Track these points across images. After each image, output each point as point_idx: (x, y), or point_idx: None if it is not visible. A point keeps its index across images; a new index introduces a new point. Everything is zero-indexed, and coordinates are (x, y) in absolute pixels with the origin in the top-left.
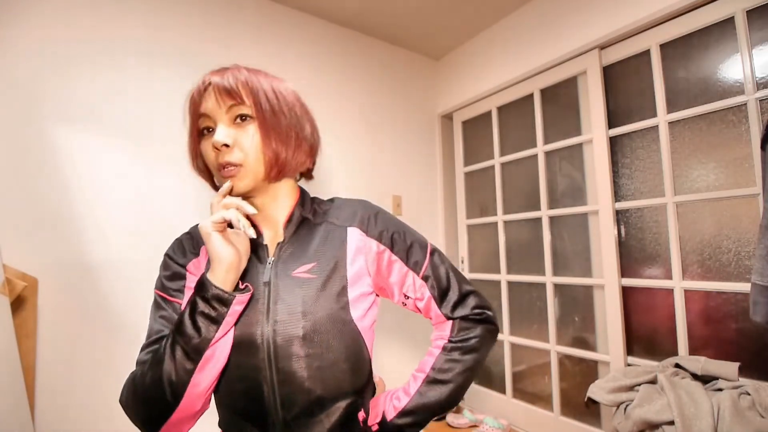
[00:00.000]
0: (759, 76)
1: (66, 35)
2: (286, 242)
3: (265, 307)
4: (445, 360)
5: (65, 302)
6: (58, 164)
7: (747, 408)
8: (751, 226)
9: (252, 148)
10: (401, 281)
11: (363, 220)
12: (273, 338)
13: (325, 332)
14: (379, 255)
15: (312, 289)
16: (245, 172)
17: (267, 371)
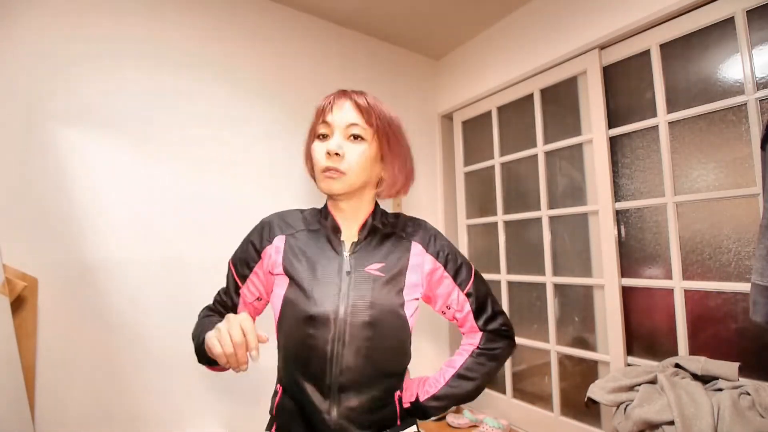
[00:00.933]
0: (759, 76)
1: (66, 35)
2: (360, 242)
3: (344, 292)
4: (473, 362)
5: (65, 302)
6: (59, 164)
7: (747, 408)
8: (751, 226)
9: (357, 162)
10: (447, 294)
11: (424, 238)
12: (345, 319)
13: (385, 322)
14: (433, 270)
15: (379, 284)
16: (345, 179)
17: (335, 344)
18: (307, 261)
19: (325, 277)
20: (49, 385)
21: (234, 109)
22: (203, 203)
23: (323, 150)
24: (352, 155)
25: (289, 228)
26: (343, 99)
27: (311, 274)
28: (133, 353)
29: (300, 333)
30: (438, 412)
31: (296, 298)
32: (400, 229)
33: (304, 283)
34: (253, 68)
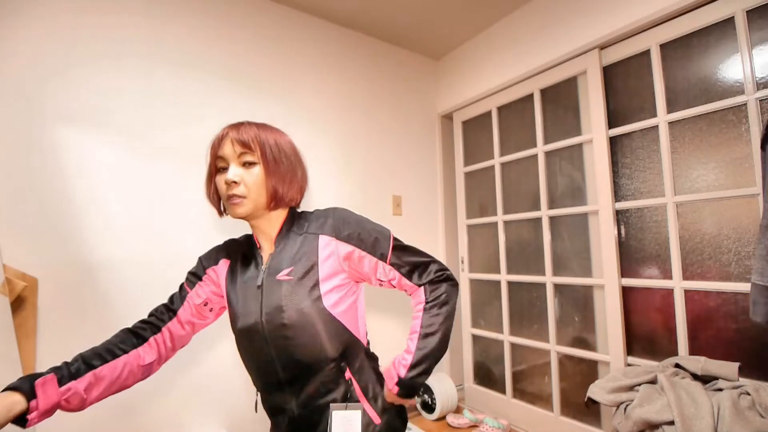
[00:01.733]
0: (759, 76)
1: (66, 36)
2: (275, 253)
3: (258, 304)
4: (429, 317)
5: (65, 302)
6: (59, 164)
7: (747, 408)
8: (751, 226)
9: (254, 185)
10: (374, 270)
11: (333, 227)
12: (264, 326)
13: (300, 319)
14: (350, 253)
15: (289, 288)
16: (247, 202)
17: (267, 349)
18: (237, 282)
19: (247, 294)
20: None
21: (234, 108)
22: (202, 203)
23: (222, 181)
24: (249, 179)
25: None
26: (230, 132)
27: (237, 294)
28: None
29: (241, 346)
30: (423, 380)
31: (232, 317)
32: (310, 228)
33: (234, 303)
34: (254, 68)
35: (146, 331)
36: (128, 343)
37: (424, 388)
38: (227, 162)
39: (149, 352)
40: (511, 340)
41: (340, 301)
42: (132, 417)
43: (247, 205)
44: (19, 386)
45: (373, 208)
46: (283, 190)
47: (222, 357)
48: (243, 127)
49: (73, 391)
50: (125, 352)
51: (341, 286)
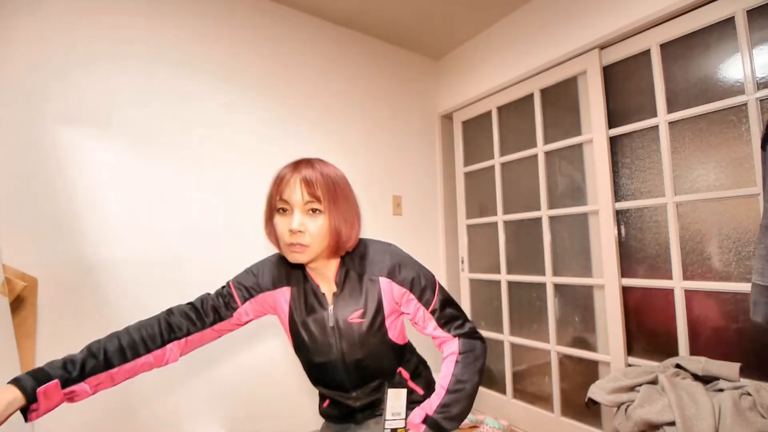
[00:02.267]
0: (759, 76)
1: (66, 36)
2: (339, 294)
3: (335, 341)
4: (462, 367)
5: (65, 302)
6: (59, 164)
7: (748, 408)
8: (752, 226)
9: (318, 234)
10: (415, 312)
11: (391, 271)
12: (342, 359)
13: (373, 351)
14: (402, 294)
15: (363, 329)
16: (309, 251)
17: (340, 374)
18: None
19: (320, 332)
20: None
21: (234, 109)
22: (203, 203)
23: (285, 227)
24: (313, 229)
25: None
26: (295, 176)
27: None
28: None
29: (313, 371)
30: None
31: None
32: (368, 270)
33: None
34: (253, 68)
35: (182, 330)
36: (158, 341)
37: None
38: (290, 206)
39: (174, 353)
40: (511, 340)
41: (397, 330)
42: (132, 417)
43: (309, 254)
44: (23, 385)
45: (373, 208)
46: (346, 235)
47: (222, 357)
48: (310, 170)
49: (78, 391)
50: (151, 351)
51: (395, 317)
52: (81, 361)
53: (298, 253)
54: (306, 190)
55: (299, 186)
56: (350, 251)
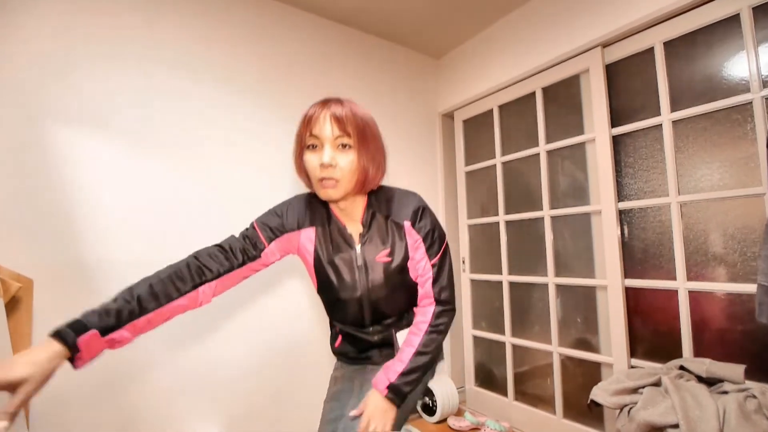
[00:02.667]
0: (765, 74)
1: (66, 36)
2: (365, 233)
3: (363, 279)
4: (427, 339)
5: (60, 303)
6: (56, 164)
7: (753, 411)
8: (757, 226)
9: (348, 169)
10: (419, 260)
11: (413, 216)
12: (368, 296)
13: (396, 290)
14: (415, 240)
15: (391, 269)
16: (340, 186)
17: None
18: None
19: (347, 271)
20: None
21: (234, 108)
22: (202, 203)
23: (317, 162)
24: (344, 163)
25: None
26: (325, 111)
27: (334, 269)
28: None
29: (336, 306)
30: (408, 390)
31: (328, 288)
32: (394, 214)
33: (331, 277)
34: (253, 67)
35: (212, 272)
36: (190, 284)
37: (426, 391)
38: (321, 142)
39: (206, 295)
40: (512, 341)
41: (414, 270)
42: (132, 417)
43: (340, 189)
44: (63, 338)
45: None
46: (372, 174)
47: (223, 357)
48: (340, 107)
49: (117, 338)
50: (184, 294)
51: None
52: (116, 310)
53: (331, 188)
54: (336, 125)
55: (329, 121)
56: (377, 195)
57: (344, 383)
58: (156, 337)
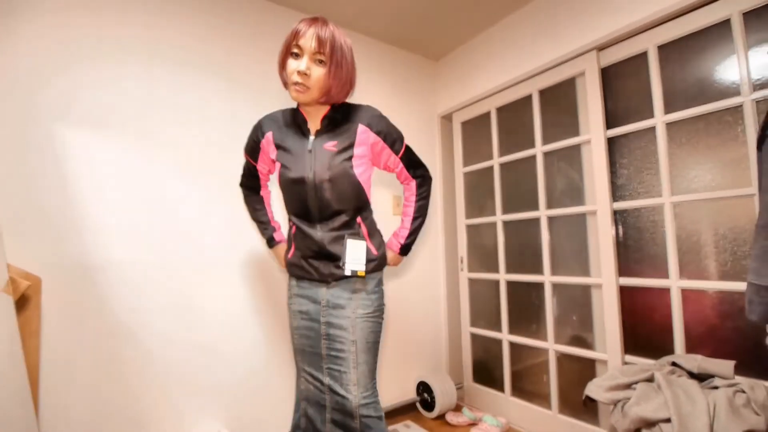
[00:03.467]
0: (755, 77)
1: (66, 36)
2: (321, 130)
3: (310, 163)
4: (419, 207)
5: (69, 301)
6: (61, 164)
7: (742, 406)
8: (748, 225)
9: (318, 80)
10: (387, 158)
11: (370, 121)
12: (314, 178)
13: (339, 176)
14: (375, 143)
15: (333, 155)
16: (309, 93)
17: (311, 193)
18: (287, 146)
19: (298, 155)
20: (53, 383)
21: (235, 109)
22: (204, 203)
23: (295, 68)
24: (316, 75)
25: (274, 123)
26: (312, 29)
27: (290, 155)
28: (136, 352)
29: (290, 190)
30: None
31: (284, 171)
32: (351, 119)
33: (286, 161)
34: (254, 68)
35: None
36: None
37: (424, 387)
38: (302, 52)
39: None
40: (510, 339)
41: (362, 172)
42: (132, 417)
43: (308, 95)
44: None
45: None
46: (335, 92)
47: (223, 357)
48: (325, 28)
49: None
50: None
51: (363, 162)
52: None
53: (300, 92)
54: (317, 43)
55: (313, 38)
56: (341, 106)
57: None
58: (160, 334)
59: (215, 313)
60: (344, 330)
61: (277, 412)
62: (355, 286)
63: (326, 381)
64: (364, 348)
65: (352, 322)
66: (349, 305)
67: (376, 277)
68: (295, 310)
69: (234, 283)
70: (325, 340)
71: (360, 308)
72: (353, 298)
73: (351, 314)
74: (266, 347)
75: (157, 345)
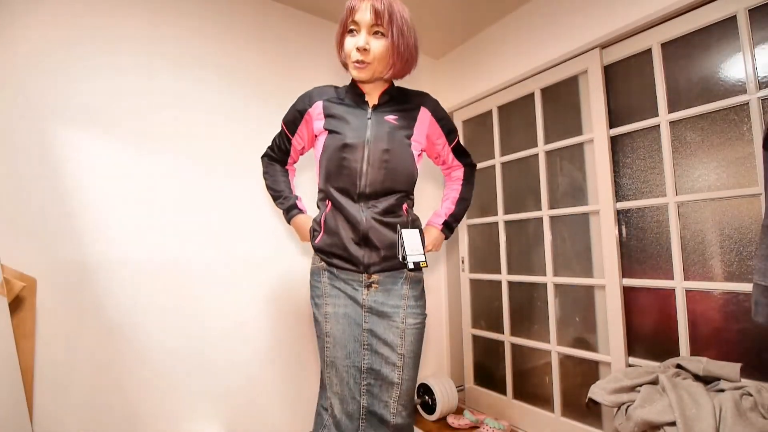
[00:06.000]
0: (761, 75)
1: (65, 35)
2: (379, 105)
3: (368, 130)
4: (465, 190)
5: (64, 302)
6: (57, 164)
7: (749, 409)
8: (753, 225)
9: (378, 54)
10: (442, 147)
11: (434, 108)
12: (369, 145)
13: (397, 150)
14: (434, 131)
15: (394, 128)
16: (370, 68)
17: (364, 163)
18: (341, 113)
19: (354, 122)
20: (47, 385)
21: (235, 108)
22: (202, 203)
23: (353, 45)
24: (376, 49)
25: (325, 94)
26: (366, 2)
27: (343, 122)
28: (133, 353)
29: (337, 159)
30: (456, 225)
31: (333, 138)
32: (410, 101)
33: (338, 127)
34: (254, 67)
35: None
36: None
37: (425, 389)
38: (359, 28)
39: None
40: (511, 340)
41: (417, 156)
42: (128, 420)
43: (369, 71)
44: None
45: None
46: (399, 65)
47: (223, 357)
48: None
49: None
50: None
51: (418, 147)
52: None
53: (361, 69)
54: (374, 15)
55: (369, 10)
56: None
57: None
58: (157, 335)
59: (214, 316)
60: (392, 343)
61: (277, 419)
62: (403, 291)
63: (363, 402)
64: (411, 363)
65: (402, 333)
66: (397, 313)
67: (422, 282)
68: (330, 312)
69: (234, 285)
70: (366, 351)
71: (410, 317)
72: (401, 305)
73: (401, 324)
74: (267, 354)
75: (155, 346)
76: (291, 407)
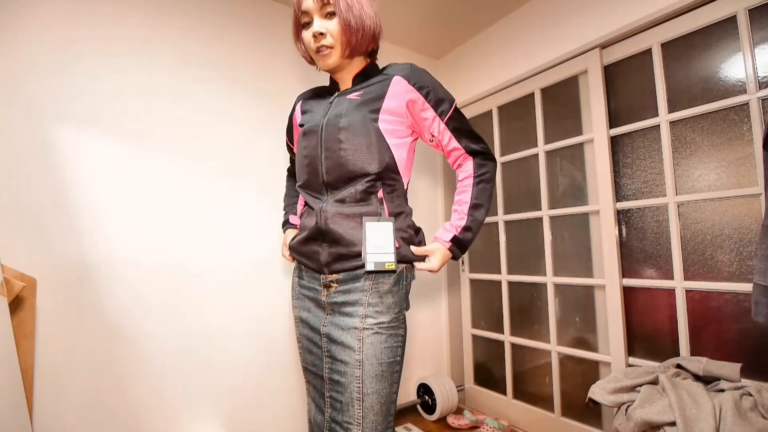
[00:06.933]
0: (761, 75)
1: (66, 36)
2: (350, 89)
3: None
4: (478, 191)
5: (64, 303)
6: (57, 164)
7: (749, 409)
8: (753, 225)
9: (336, 32)
10: (430, 124)
11: (409, 73)
12: (323, 128)
13: (355, 128)
14: (414, 100)
15: (353, 104)
16: (334, 52)
17: (321, 149)
18: (311, 107)
19: (317, 110)
20: (47, 386)
21: (235, 108)
22: (203, 203)
23: (309, 35)
24: (333, 29)
25: (305, 95)
26: None
27: (309, 114)
28: (133, 353)
29: (300, 147)
30: (470, 240)
31: (301, 131)
32: (386, 72)
33: (305, 120)
34: (254, 67)
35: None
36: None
37: (425, 389)
38: (311, 16)
39: None
40: (511, 340)
41: (394, 132)
42: (132, 417)
43: (334, 54)
44: (291, 224)
45: None
46: (357, 38)
47: (223, 357)
48: None
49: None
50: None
51: (397, 122)
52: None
53: (326, 55)
54: None
55: None
56: (374, 66)
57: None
58: (157, 336)
59: (214, 316)
60: (347, 346)
61: (277, 419)
62: (365, 284)
63: (327, 412)
64: (373, 372)
65: (358, 335)
66: (357, 312)
67: (394, 276)
68: (296, 315)
69: (234, 285)
70: (327, 357)
71: (370, 316)
72: (361, 301)
73: (358, 323)
74: (267, 356)
75: (155, 346)
76: (291, 407)
